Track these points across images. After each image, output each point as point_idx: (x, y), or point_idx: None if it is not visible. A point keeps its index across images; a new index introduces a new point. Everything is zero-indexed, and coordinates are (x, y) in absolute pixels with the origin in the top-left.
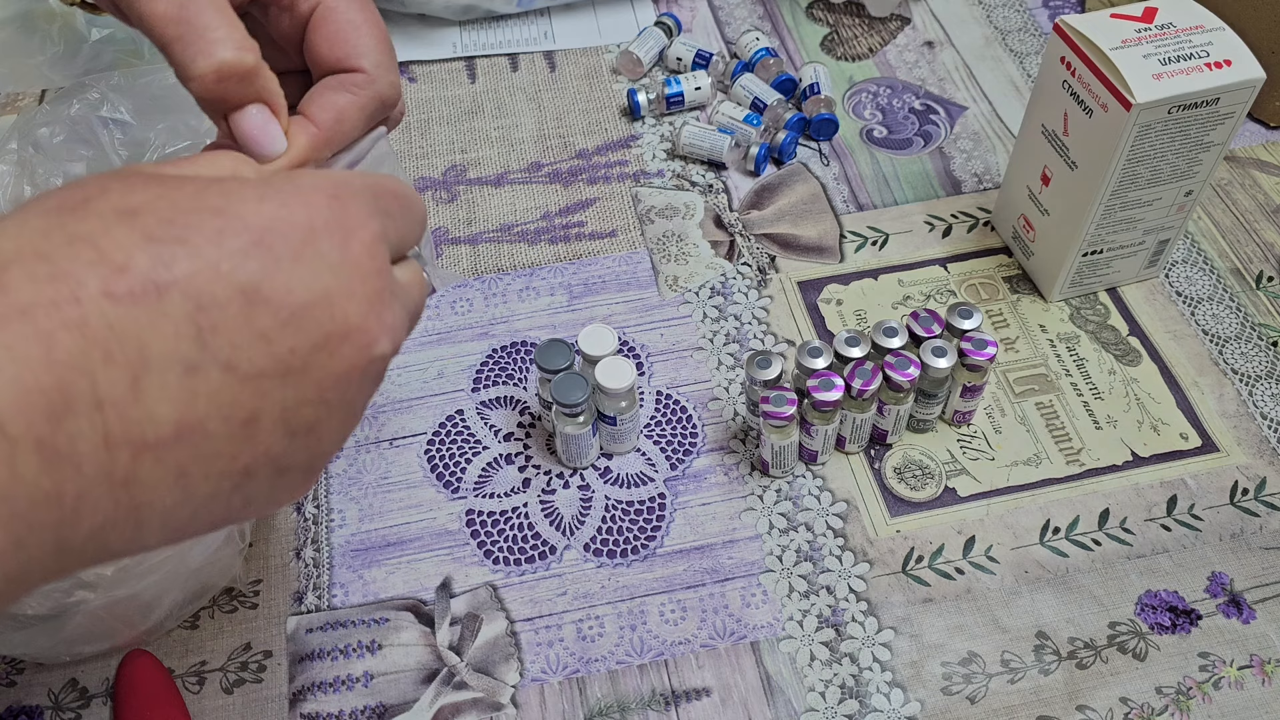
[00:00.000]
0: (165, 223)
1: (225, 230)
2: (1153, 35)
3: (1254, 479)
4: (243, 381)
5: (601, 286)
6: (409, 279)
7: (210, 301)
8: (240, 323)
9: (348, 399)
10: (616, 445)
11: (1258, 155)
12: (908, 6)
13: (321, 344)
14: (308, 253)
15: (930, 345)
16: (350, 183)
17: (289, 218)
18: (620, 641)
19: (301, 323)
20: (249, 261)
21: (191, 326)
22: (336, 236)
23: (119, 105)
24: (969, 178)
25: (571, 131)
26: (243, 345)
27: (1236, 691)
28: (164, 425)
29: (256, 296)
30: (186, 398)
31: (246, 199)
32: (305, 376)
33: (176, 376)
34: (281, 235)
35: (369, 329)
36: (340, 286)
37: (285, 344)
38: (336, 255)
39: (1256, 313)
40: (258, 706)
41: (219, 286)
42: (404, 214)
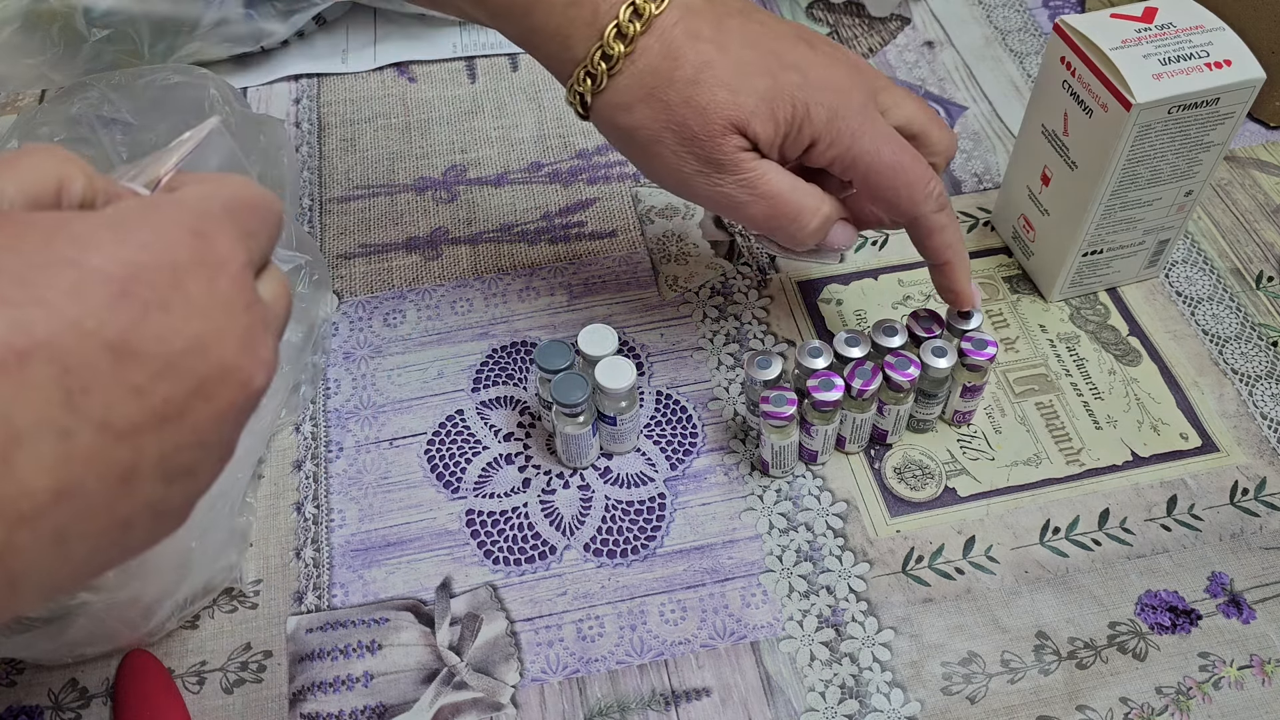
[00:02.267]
0: (17, 282)
1: (84, 283)
2: (1153, 35)
3: (1254, 479)
4: (119, 438)
5: (601, 286)
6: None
7: (77, 363)
8: (111, 380)
9: (225, 437)
10: (616, 445)
11: (1258, 155)
12: (908, 6)
13: (197, 389)
14: (175, 298)
15: (930, 345)
16: (209, 209)
17: (151, 261)
18: (620, 641)
19: (175, 371)
20: (115, 315)
21: (60, 391)
22: (204, 275)
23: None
24: (969, 178)
25: (571, 131)
26: (116, 403)
27: (1236, 691)
28: (40, 495)
29: (125, 351)
30: (61, 464)
31: (103, 244)
32: (182, 423)
33: (50, 444)
34: (145, 283)
35: (244, 367)
36: (212, 329)
37: (160, 394)
38: (204, 296)
39: (1256, 313)
40: (258, 706)
41: (85, 346)
42: (263, 224)
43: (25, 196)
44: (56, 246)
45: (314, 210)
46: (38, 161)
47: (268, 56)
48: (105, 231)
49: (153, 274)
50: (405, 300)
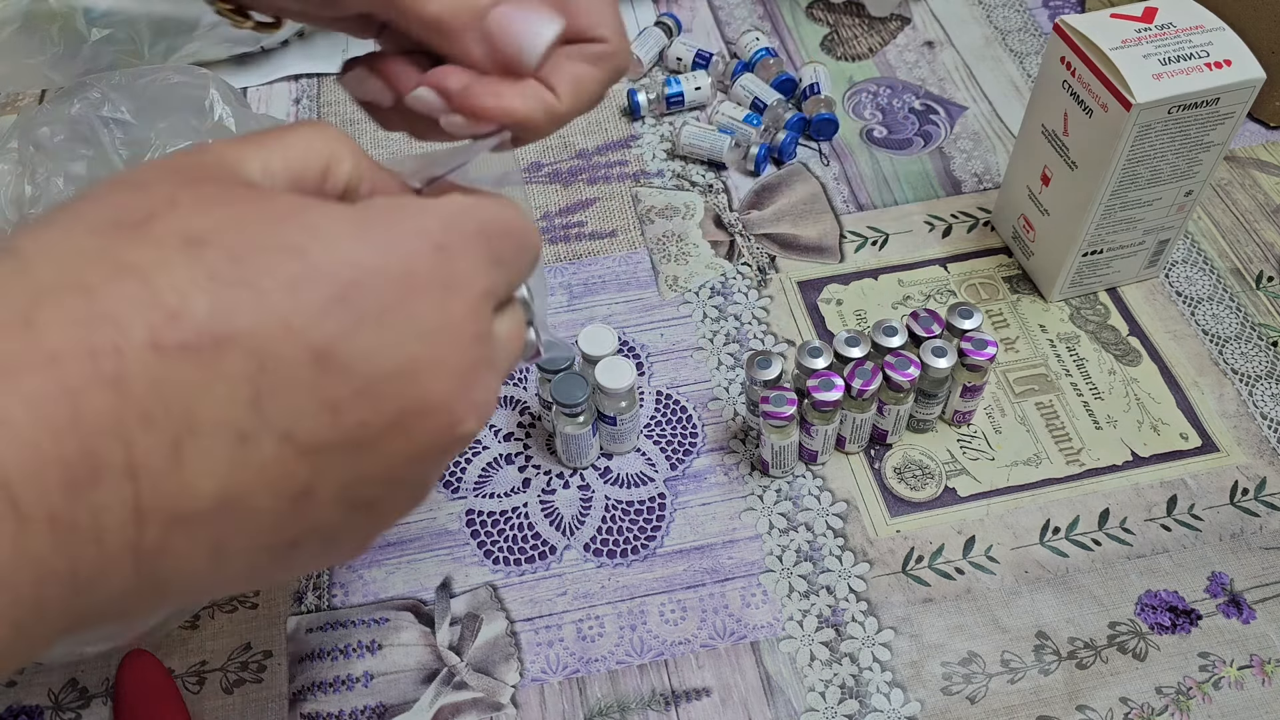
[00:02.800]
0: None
1: (303, 279)
2: (1153, 35)
3: (1254, 479)
4: (300, 454)
5: (601, 286)
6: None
7: (275, 363)
8: (306, 389)
9: (418, 477)
10: (616, 445)
11: (1258, 155)
12: (908, 6)
13: (397, 421)
14: (399, 314)
15: (930, 345)
16: (462, 225)
17: (382, 268)
18: (620, 641)
19: (378, 395)
20: (327, 320)
21: (250, 389)
22: (436, 295)
23: (119, 105)
24: (969, 178)
25: (571, 131)
26: (306, 415)
27: (1236, 691)
28: (204, 499)
29: (329, 361)
30: (233, 469)
31: (336, 238)
32: (374, 453)
33: (225, 445)
34: (370, 290)
35: (454, 407)
36: (430, 356)
37: (355, 417)
38: (433, 319)
39: (1256, 313)
40: (258, 706)
41: (287, 346)
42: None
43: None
44: (286, 232)
45: None
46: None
47: (268, 56)
48: (342, 225)
49: (380, 281)
50: None
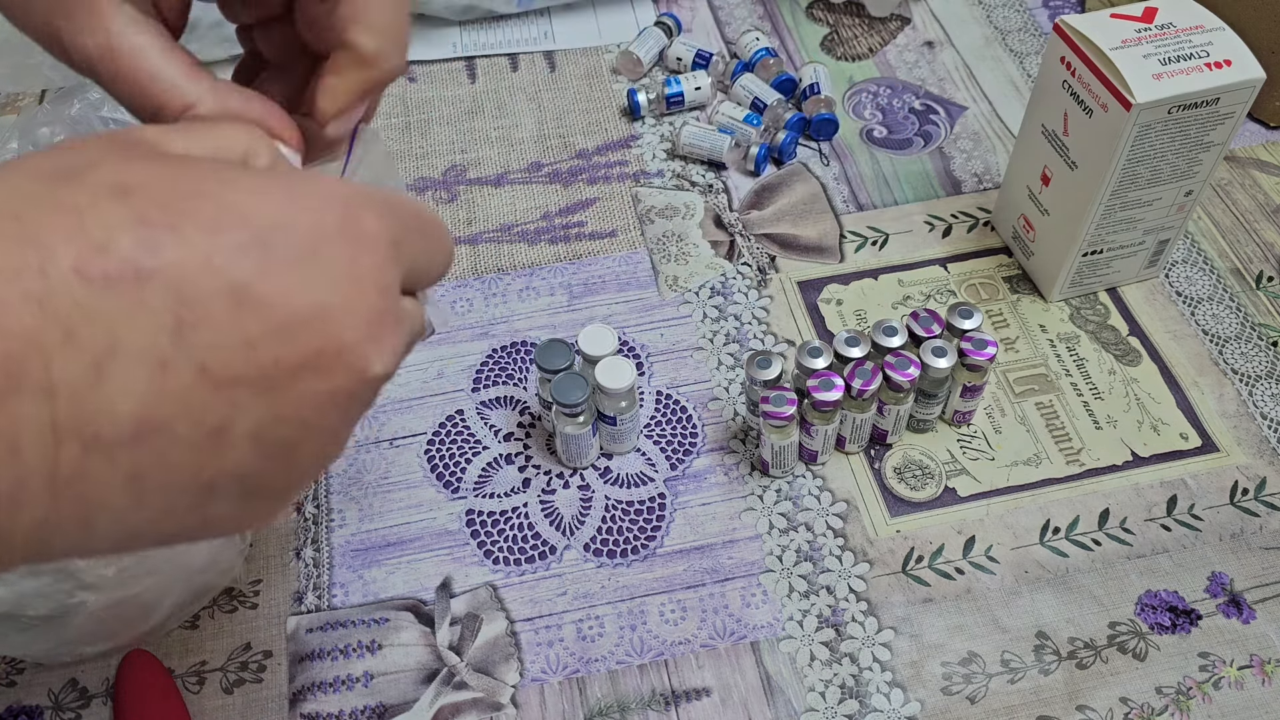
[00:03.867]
0: (159, 206)
1: (223, 221)
2: (1153, 35)
3: (1254, 479)
4: (217, 387)
5: (601, 286)
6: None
7: (195, 296)
8: (224, 323)
9: (331, 423)
10: (616, 445)
11: (1258, 155)
12: (908, 6)
13: (311, 360)
14: (311, 259)
15: (930, 345)
16: (370, 194)
17: (296, 218)
18: (620, 641)
19: (293, 333)
20: (244, 258)
21: (170, 319)
22: (346, 247)
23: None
24: (969, 178)
25: (571, 131)
26: (223, 348)
27: (1236, 691)
28: (122, 422)
29: (247, 298)
30: (152, 395)
31: (253, 190)
32: (287, 392)
33: (145, 371)
34: (285, 235)
35: (365, 351)
36: (341, 301)
37: (270, 353)
38: (343, 268)
39: (1256, 313)
40: (258, 706)
41: (207, 281)
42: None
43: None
44: (208, 183)
45: None
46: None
47: None
48: (260, 182)
49: (294, 229)
50: None
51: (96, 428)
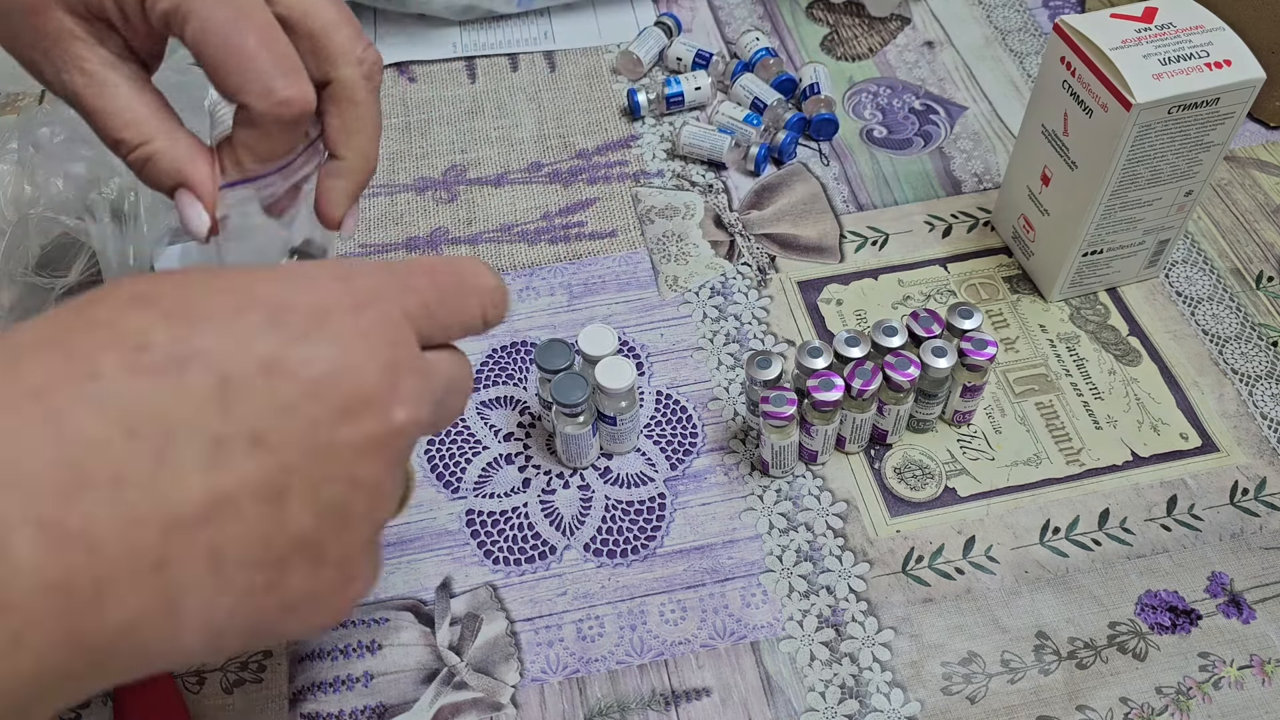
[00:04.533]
0: (181, 304)
1: (241, 308)
2: (1153, 35)
3: (1254, 479)
4: (270, 453)
5: (601, 286)
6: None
7: (233, 374)
8: (263, 394)
9: (374, 475)
10: (616, 445)
11: (1258, 155)
12: (908, 6)
13: (341, 414)
14: (320, 328)
15: (930, 345)
16: (359, 266)
17: (298, 297)
18: (620, 641)
19: (321, 392)
20: (267, 335)
21: (215, 399)
22: (349, 314)
23: None
24: (969, 178)
25: (571, 131)
26: (268, 416)
27: (1236, 691)
28: (194, 500)
29: (276, 368)
30: (215, 470)
31: (256, 280)
32: (330, 450)
33: (203, 449)
34: (294, 311)
35: (386, 398)
36: (352, 358)
37: (308, 414)
38: (348, 329)
39: (1256, 313)
40: (258, 706)
41: (240, 359)
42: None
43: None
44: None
45: None
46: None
47: None
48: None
49: (300, 305)
50: None
51: (171, 509)
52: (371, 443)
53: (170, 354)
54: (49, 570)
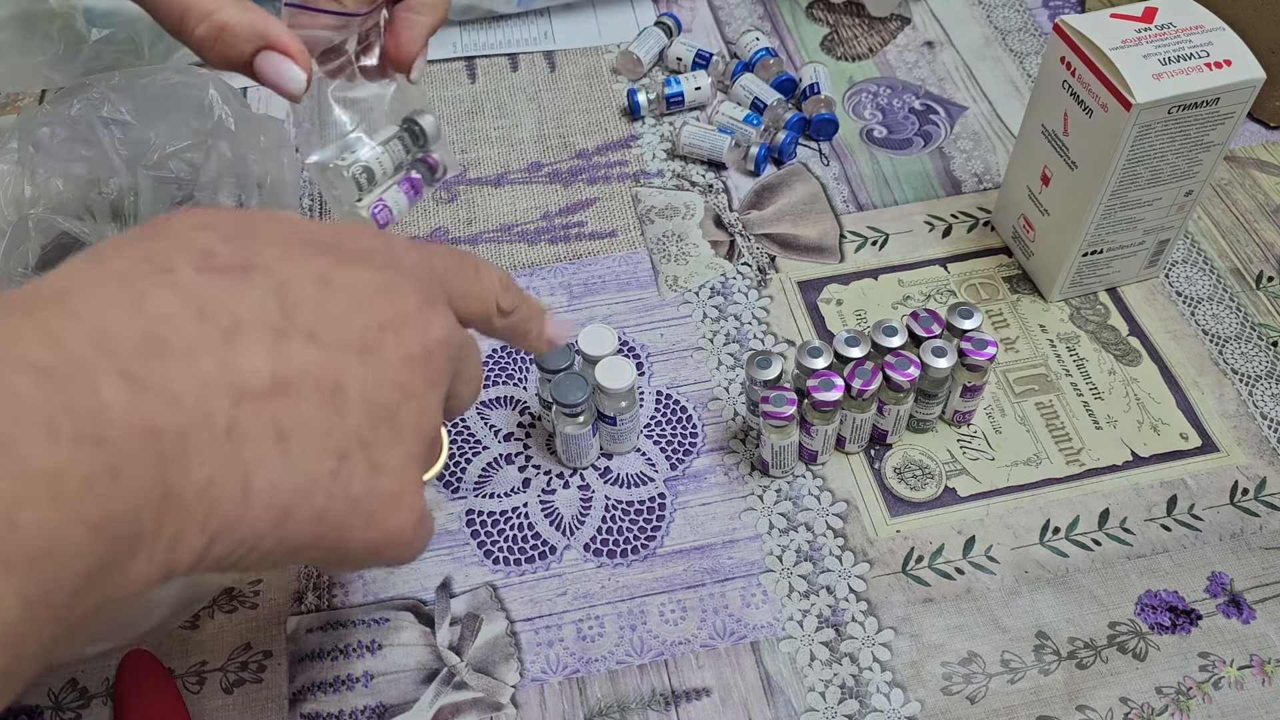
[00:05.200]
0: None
1: (295, 236)
2: (1153, 35)
3: (1254, 479)
4: (326, 351)
5: (601, 286)
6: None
7: (290, 283)
8: (318, 302)
9: (417, 387)
10: (616, 445)
11: (1258, 155)
12: (908, 6)
13: (385, 327)
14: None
15: (930, 345)
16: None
17: (344, 239)
18: (620, 641)
19: (369, 306)
20: (319, 258)
21: (276, 299)
22: (385, 256)
23: (119, 105)
24: (969, 178)
25: (571, 131)
26: (322, 320)
27: (1236, 691)
28: (260, 376)
29: (328, 284)
30: (277, 356)
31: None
32: (378, 355)
33: (267, 337)
34: (341, 247)
35: (424, 316)
36: (395, 284)
37: (358, 323)
38: (389, 267)
39: (1256, 313)
40: (258, 706)
41: (296, 272)
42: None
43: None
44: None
45: (314, 210)
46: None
47: None
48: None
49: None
50: None
51: (240, 380)
52: (413, 356)
53: (235, 260)
54: (137, 414)
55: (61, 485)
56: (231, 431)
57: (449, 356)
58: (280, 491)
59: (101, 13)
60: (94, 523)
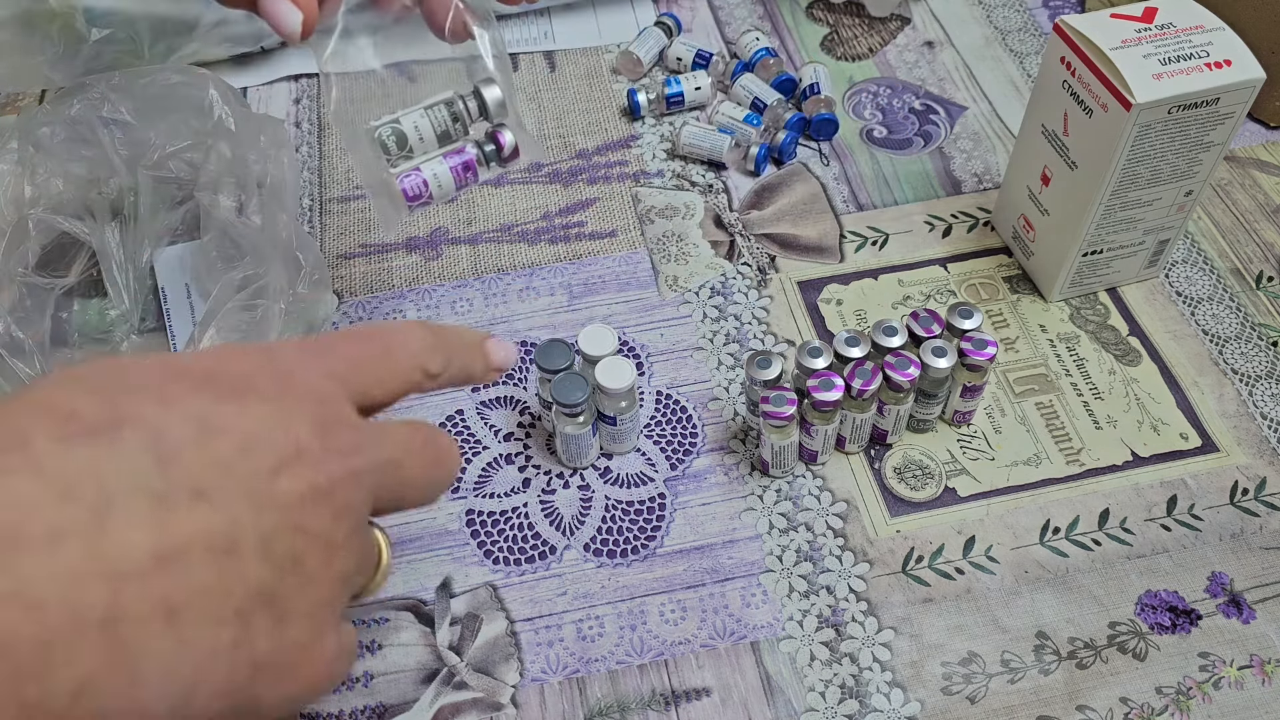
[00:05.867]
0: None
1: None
2: (1153, 35)
3: (1254, 479)
4: (215, 509)
5: (601, 286)
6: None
7: (167, 432)
8: (199, 451)
9: (321, 527)
10: (616, 445)
11: (1258, 155)
12: (908, 6)
13: (278, 466)
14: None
15: (930, 345)
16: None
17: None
18: (620, 641)
19: (256, 447)
20: (198, 397)
21: (152, 457)
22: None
23: (119, 105)
24: (969, 178)
25: (571, 131)
26: (207, 471)
27: (1236, 691)
28: (140, 553)
29: (210, 427)
30: (159, 527)
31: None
32: (273, 502)
33: (145, 505)
34: (223, 377)
35: (316, 448)
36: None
37: (247, 468)
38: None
39: (1256, 313)
40: None
41: (172, 420)
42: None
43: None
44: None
45: (314, 210)
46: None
47: (267, 57)
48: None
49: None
50: (405, 300)
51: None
52: (312, 491)
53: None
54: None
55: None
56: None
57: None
58: (176, 676)
59: (101, 13)
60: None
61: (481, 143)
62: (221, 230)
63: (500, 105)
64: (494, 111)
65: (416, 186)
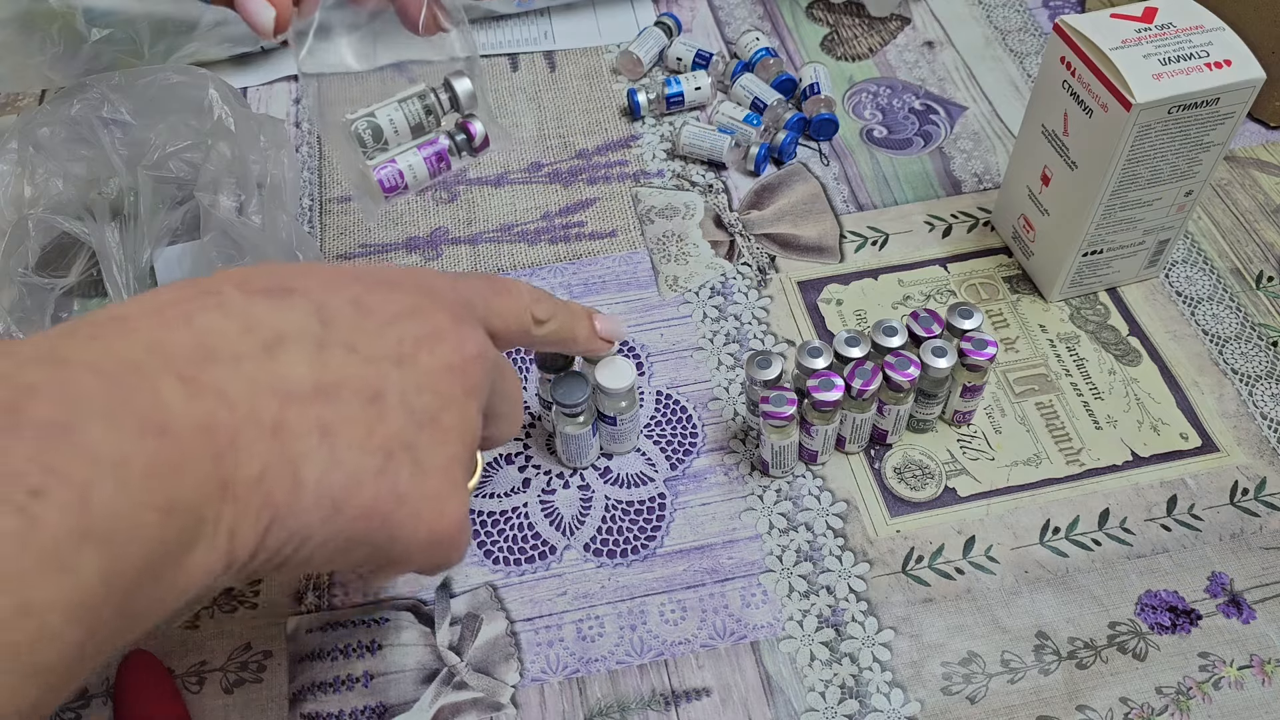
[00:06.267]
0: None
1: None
2: (1153, 35)
3: (1254, 479)
4: (364, 361)
5: (601, 286)
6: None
7: (327, 304)
8: (354, 320)
9: (455, 394)
10: (616, 445)
11: (1258, 155)
12: (908, 6)
13: (423, 338)
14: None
15: (930, 345)
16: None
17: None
18: (620, 641)
19: (402, 325)
20: (353, 285)
21: (315, 318)
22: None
23: (119, 105)
24: (969, 178)
25: (571, 131)
26: (359, 334)
27: (1236, 691)
28: (303, 381)
29: (362, 306)
30: (318, 365)
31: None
32: (415, 365)
33: (308, 348)
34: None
35: (457, 332)
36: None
37: (393, 336)
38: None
39: (1256, 313)
40: (258, 706)
41: (333, 296)
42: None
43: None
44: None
45: (314, 210)
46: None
47: (268, 56)
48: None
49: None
50: None
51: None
52: (450, 366)
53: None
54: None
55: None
56: (279, 429)
57: (485, 370)
58: (329, 485)
59: (101, 13)
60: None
61: (453, 133)
62: (222, 230)
63: (471, 97)
64: (465, 103)
65: (392, 177)
